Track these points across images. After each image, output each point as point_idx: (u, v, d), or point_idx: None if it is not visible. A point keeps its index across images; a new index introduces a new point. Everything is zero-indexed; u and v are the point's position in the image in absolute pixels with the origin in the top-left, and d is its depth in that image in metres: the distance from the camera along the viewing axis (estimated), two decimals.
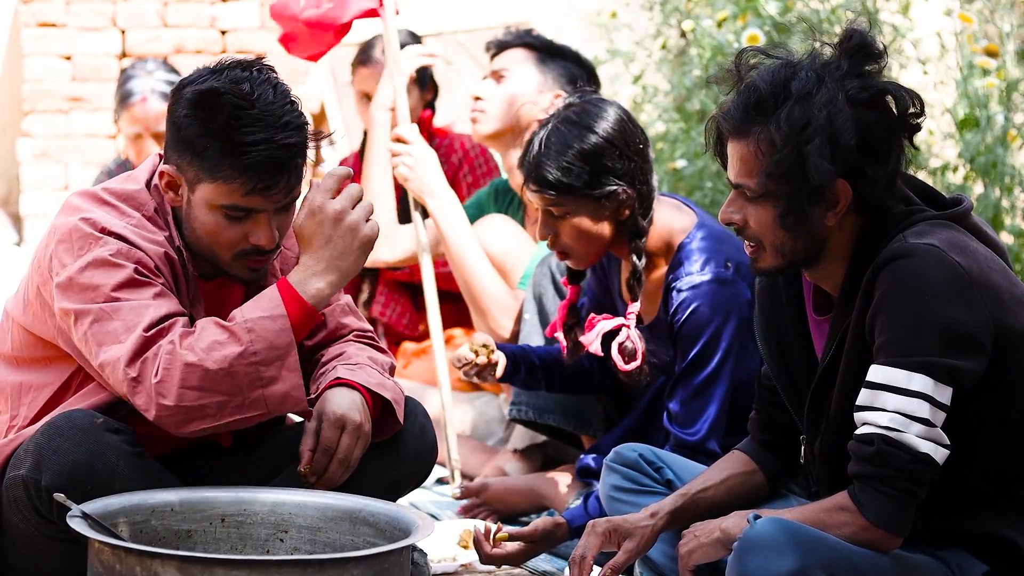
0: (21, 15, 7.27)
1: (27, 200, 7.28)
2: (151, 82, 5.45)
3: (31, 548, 2.85)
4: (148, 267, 2.82)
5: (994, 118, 4.77)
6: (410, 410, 3.09)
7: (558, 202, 3.51)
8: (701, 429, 3.52)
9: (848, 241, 2.69)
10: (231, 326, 2.76)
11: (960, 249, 2.59)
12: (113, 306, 2.76)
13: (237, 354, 2.72)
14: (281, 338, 2.75)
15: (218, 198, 2.84)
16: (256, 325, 2.74)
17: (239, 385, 2.73)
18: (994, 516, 2.65)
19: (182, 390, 2.70)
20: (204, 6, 7.41)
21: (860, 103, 2.61)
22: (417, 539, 2.61)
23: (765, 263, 2.73)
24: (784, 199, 2.64)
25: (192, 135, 2.81)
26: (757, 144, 2.65)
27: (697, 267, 3.54)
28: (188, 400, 2.71)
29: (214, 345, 2.72)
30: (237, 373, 2.73)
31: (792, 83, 2.63)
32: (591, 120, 3.53)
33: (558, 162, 3.50)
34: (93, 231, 2.82)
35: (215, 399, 2.72)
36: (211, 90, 2.80)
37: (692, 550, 2.74)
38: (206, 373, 2.71)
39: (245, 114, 2.79)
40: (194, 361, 2.71)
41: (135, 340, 2.72)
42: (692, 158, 5.45)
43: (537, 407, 4.02)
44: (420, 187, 4.21)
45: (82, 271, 2.79)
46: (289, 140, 2.81)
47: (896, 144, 2.65)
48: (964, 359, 2.54)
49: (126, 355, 2.72)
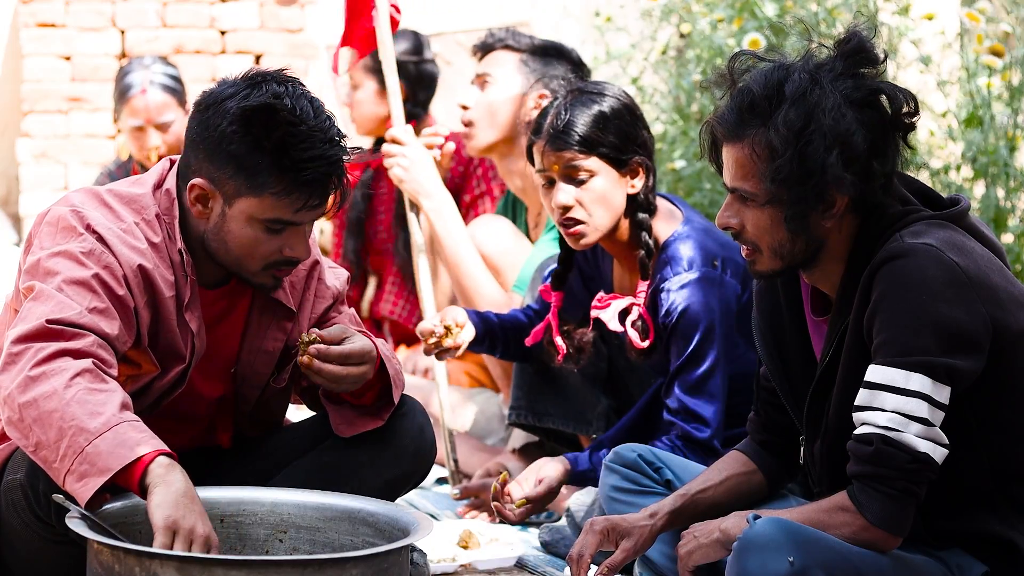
0: (21, 15, 7.27)
1: (27, 200, 7.28)
2: (149, 74, 5.44)
3: (30, 551, 2.85)
4: (114, 275, 2.81)
5: (996, 118, 4.77)
6: (409, 409, 3.10)
7: (586, 160, 3.56)
8: (710, 424, 3.53)
9: (845, 242, 2.69)
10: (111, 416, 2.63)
11: (957, 249, 2.59)
12: (52, 293, 2.76)
13: (83, 429, 2.61)
14: (111, 461, 2.60)
15: (263, 212, 2.84)
16: (116, 435, 2.61)
17: (58, 450, 2.63)
18: (993, 516, 2.66)
19: (34, 401, 2.65)
20: (204, 6, 7.41)
21: (855, 103, 2.61)
22: (416, 539, 2.61)
23: (763, 266, 2.73)
24: (788, 203, 2.64)
25: (241, 151, 2.81)
26: (752, 147, 2.65)
27: (684, 266, 3.57)
28: (28, 412, 2.65)
29: (84, 404, 2.62)
30: (64, 440, 2.61)
31: (785, 85, 2.63)
32: (606, 92, 3.63)
33: (586, 120, 3.57)
34: (78, 225, 2.83)
35: (38, 435, 2.64)
36: (265, 107, 2.80)
37: (692, 551, 2.74)
38: (54, 413, 2.62)
39: (299, 131, 2.80)
40: (64, 396, 2.63)
41: (35, 325, 2.71)
42: (691, 159, 5.45)
43: (536, 411, 4.02)
44: (415, 188, 4.21)
45: (50, 257, 2.81)
46: (337, 156, 2.84)
47: (892, 143, 2.65)
48: (962, 358, 2.55)
49: (20, 332, 2.71)
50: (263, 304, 3.02)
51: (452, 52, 7.53)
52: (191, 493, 2.59)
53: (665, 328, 3.57)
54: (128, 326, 2.82)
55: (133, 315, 2.83)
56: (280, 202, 2.82)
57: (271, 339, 3.04)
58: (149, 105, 5.39)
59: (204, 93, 2.90)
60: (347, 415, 3.05)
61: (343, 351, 2.91)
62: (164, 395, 2.95)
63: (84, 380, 2.65)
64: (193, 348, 2.92)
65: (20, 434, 2.66)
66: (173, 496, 2.56)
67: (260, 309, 3.02)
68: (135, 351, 2.87)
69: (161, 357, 2.91)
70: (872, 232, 2.67)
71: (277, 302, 3.02)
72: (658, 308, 3.58)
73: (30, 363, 2.66)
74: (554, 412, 4.00)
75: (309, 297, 3.10)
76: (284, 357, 3.07)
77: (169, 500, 2.56)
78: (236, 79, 2.87)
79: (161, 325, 2.89)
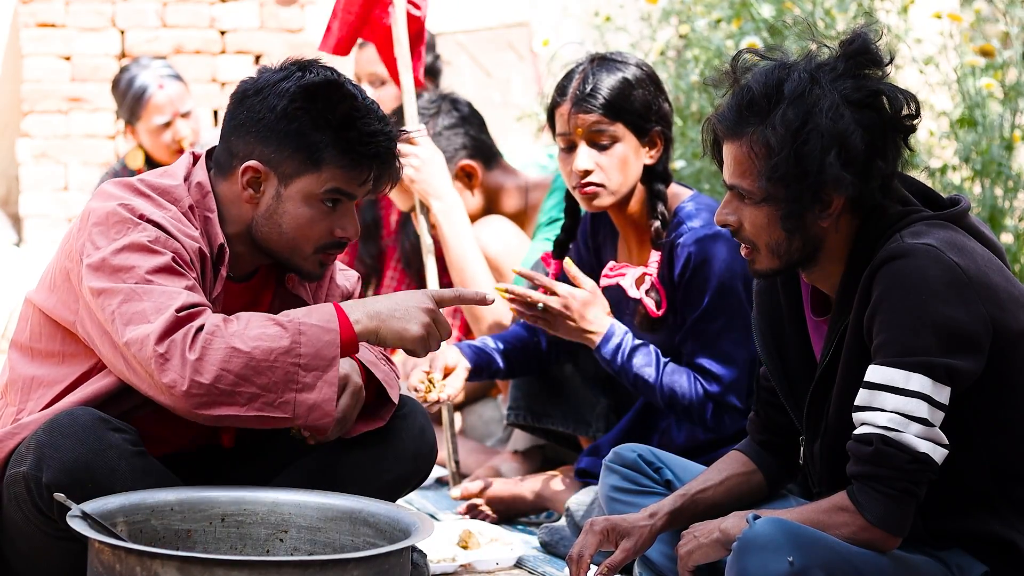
0: (21, 15, 7.28)
1: (26, 200, 7.29)
2: (155, 70, 5.48)
3: (31, 545, 2.85)
4: (183, 259, 2.82)
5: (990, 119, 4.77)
6: (410, 410, 3.10)
7: (610, 125, 3.59)
8: (723, 381, 3.55)
9: (844, 242, 2.70)
10: (284, 321, 2.75)
11: (958, 249, 2.60)
12: (145, 288, 2.75)
13: (284, 349, 2.72)
14: (328, 350, 2.74)
15: (321, 185, 2.88)
16: (308, 330, 2.74)
17: (276, 381, 2.72)
18: (993, 516, 2.66)
19: (221, 371, 2.68)
20: (204, 6, 7.41)
21: (854, 103, 2.62)
22: (417, 539, 2.62)
23: (761, 265, 2.74)
24: (784, 202, 2.65)
25: (304, 127, 2.85)
26: (751, 145, 2.66)
27: (699, 223, 3.59)
28: (224, 383, 2.69)
29: (262, 336, 2.72)
30: (277, 369, 2.71)
31: (785, 84, 2.64)
32: (629, 61, 3.67)
33: (612, 85, 3.60)
34: (132, 216, 2.82)
35: (249, 389, 2.70)
36: (329, 82, 2.87)
37: (692, 550, 2.75)
38: (249, 360, 2.69)
39: (361, 105, 2.88)
40: (239, 347, 2.69)
41: (167, 319, 2.70)
42: (690, 159, 5.45)
43: (534, 411, 4.02)
44: (426, 188, 4.21)
45: (117, 253, 2.79)
46: (393, 133, 2.92)
47: (892, 144, 2.65)
48: (962, 359, 2.55)
49: (156, 332, 2.69)
50: (284, 298, 3.03)
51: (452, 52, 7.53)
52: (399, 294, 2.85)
53: (681, 283, 3.58)
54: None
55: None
56: (343, 174, 2.87)
57: None
58: (172, 97, 5.44)
59: (245, 81, 2.94)
60: None
61: (336, 420, 2.89)
62: None
63: (233, 327, 2.72)
64: None
65: (228, 407, 2.70)
66: (402, 305, 2.82)
67: (281, 305, 3.03)
68: None
69: None
70: (872, 233, 2.67)
71: (296, 296, 3.04)
72: (674, 264, 3.59)
73: (185, 350, 2.68)
74: (553, 412, 4.00)
75: (321, 296, 3.11)
76: None
77: (400, 304, 2.82)
78: (277, 67, 2.93)
79: None
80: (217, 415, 2.71)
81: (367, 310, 2.82)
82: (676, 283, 3.59)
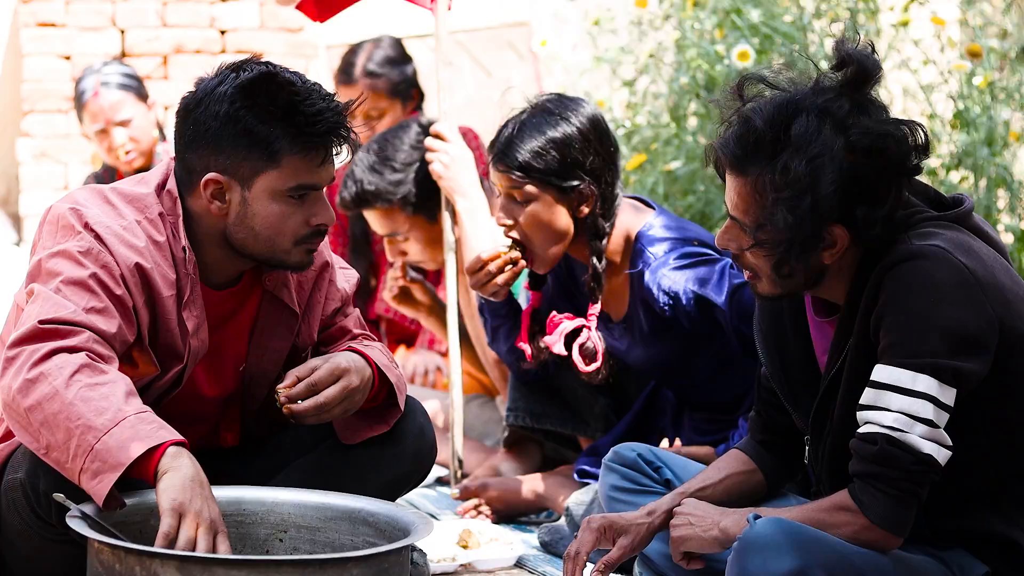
0: (21, 15, 7.27)
1: (27, 200, 7.28)
2: (100, 76, 5.47)
3: (30, 550, 2.85)
4: (111, 273, 2.81)
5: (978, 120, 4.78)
6: (410, 409, 3.10)
7: (523, 185, 3.53)
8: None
9: (849, 267, 2.68)
10: (124, 407, 2.62)
11: (965, 250, 2.59)
12: (48, 294, 2.76)
13: (90, 426, 2.59)
14: (121, 455, 2.59)
15: (284, 181, 2.86)
16: (125, 431, 2.59)
17: (70, 450, 2.61)
18: (996, 515, 2.66)
19: (39, 404, 2.64)
20: (204, 6, 7.41)
21: (861, 150, 2.59)
22: (417, 539, 2.61)
23: (764, 290, 2.73)
24: (784, 244, 2.63)
25: (251, 125, 2.84)
26: (754, 185, 2.63)
27: (662, 249, 3.55)
28: (35, 417, 2.64)
29: (90, 401, 2.60)
30: (73, 440, 2.60)
31: (793, 126, 2.60)
32: (568, 112, 3.57)
33: (530, 145, 3.53)
34: (76, 224, 2.83)
35: (50, 437, 2.63)
36: (263, 76, 2.86)
37: (686, 537, 2.75)
38: (60, 411, 2.61)
39: (300, 89, 2.85)
40: (65, 395, 2.61)
41: (29, 327, 2.71)
42: (687, 161, 5.45)
43: (533, 412, 4.02)
44: (453, 186, 4.18)
45: (50, 258, 2.81)
46: (339, 106, 2.89)
47: (896, 188, 2.63)
48: (969, 360, 2.55)
49: (16, 336, 2.71)
50: (271, 304, 3.03)
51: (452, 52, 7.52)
52: (199, 478, 2.59)
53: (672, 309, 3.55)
54: (129, 324, 2.82)
55: (132, 313, 2.83)
56: (300, 163, 2.85)
57: (279, 338, 3.05)
58: (104, 106, 5.41)
59: (185, 96, 2.92)
60: (352, 423, 3.05)
61: (310, 382, 2.90)
62: (163, 395, 2.95)
63: (83, 376, 2.64)
64: (190, 348, 2.93)
65: (31, 438, 2.66)
66: (180, 480, 2.56)
67: (268, 309, 3.02)
68: (136, 350, 2.87)
69: (161, 357, 2.91)
70: (877, 252, 2.65)
71: (279, 300, 3.03)
72: (650, 294, 3.56)
73: (27, 365, 2.66)
74: (552, 413, 4.00)
75: (319, 298, 3.10)
76: (292, 356, 3.08)
77: (176, 484, 2.56)
78: (212, 74, 2.91)
79: (160, 325, 2.89)
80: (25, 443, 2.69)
81: (177, 478, 2.57)
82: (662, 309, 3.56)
